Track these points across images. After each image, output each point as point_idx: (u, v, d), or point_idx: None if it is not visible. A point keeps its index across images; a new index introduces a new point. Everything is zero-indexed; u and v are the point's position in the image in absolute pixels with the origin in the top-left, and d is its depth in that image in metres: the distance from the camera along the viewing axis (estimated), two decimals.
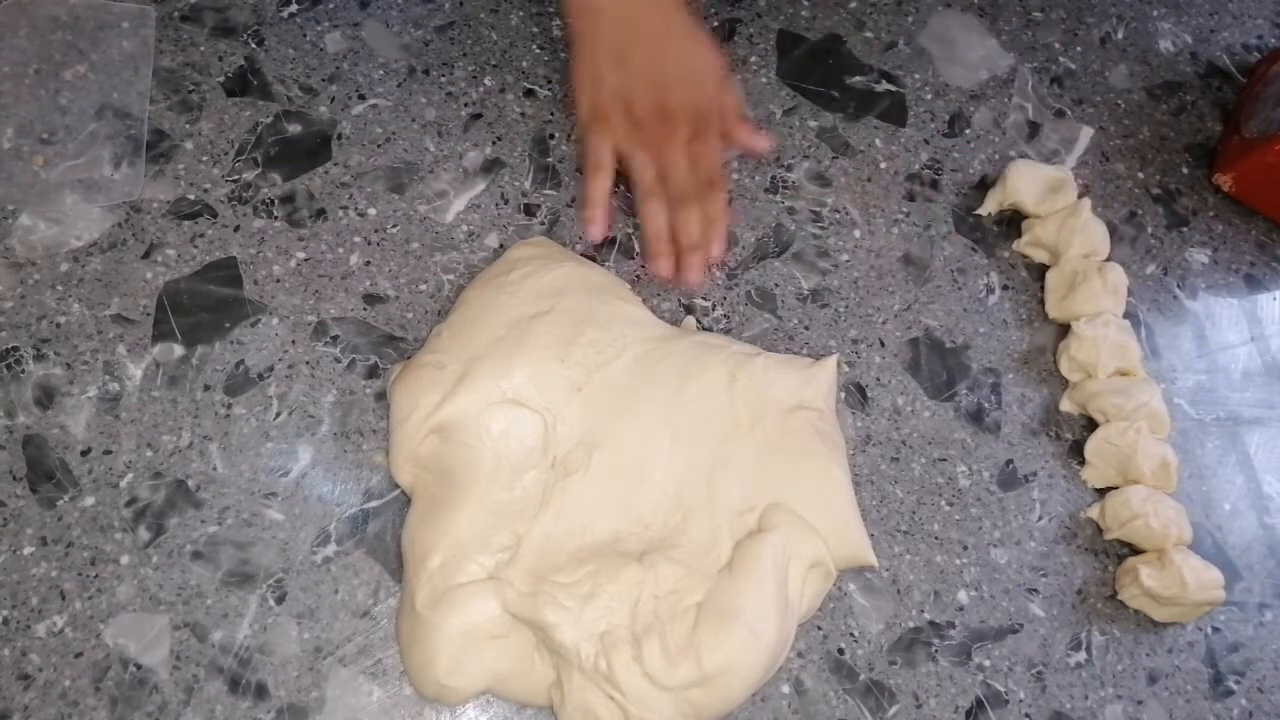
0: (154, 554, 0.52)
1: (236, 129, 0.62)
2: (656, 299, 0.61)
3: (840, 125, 0.68)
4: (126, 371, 0.55)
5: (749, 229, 0.64)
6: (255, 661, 0.50)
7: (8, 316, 0.56)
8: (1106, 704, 0.55)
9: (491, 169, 0.63)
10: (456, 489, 0.51)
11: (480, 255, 0.61)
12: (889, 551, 0.56)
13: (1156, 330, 0.65)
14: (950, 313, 0.64)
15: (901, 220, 0.66)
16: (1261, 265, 0.69)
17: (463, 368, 0.52)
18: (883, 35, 0.72)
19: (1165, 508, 0.57)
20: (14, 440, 0.53)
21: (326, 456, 0.55)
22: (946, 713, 0.53)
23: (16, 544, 0.51)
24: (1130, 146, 0.71)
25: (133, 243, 0.58)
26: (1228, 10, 0.78)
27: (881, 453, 0.59)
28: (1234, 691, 0.56)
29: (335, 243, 0.60)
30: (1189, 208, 0.70)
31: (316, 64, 0.65)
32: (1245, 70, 0.76)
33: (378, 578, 0.52)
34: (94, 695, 0.49)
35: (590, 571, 0.49)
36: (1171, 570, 0.54)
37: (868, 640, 0.54)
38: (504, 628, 0.49)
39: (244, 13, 0.66)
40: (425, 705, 0.50)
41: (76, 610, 0.50)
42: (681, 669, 0.47)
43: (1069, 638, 0.56)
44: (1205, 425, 0.63)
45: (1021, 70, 0.73)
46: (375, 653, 0.51)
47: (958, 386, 0.62)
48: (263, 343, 0.57)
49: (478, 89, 0.66)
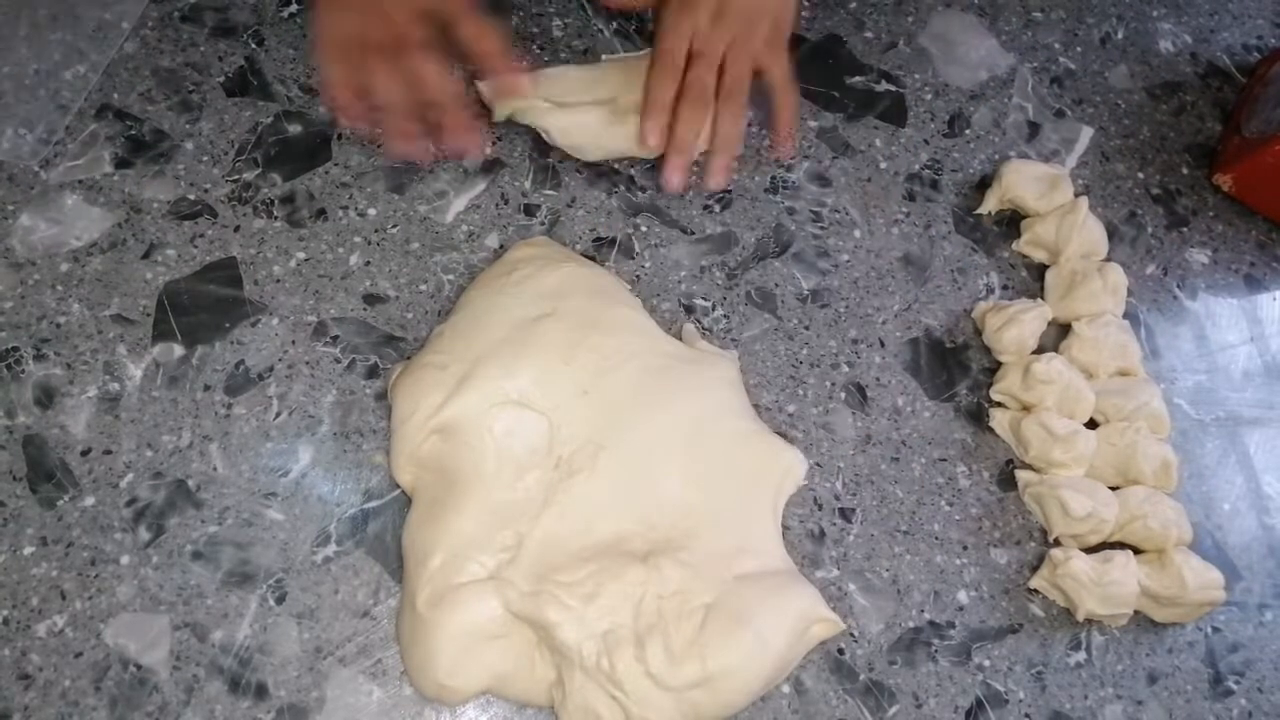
0: (154, 554, 0.52)
1: (236, 129, 0.62)
2: (656, 299, 0.61)
3: (840, 125, 0.68)
4: (126, 371, 0.55)
5: (749, 229, 0.64)
6: (255, 661, 0.50)
7: (8, 316, 0.56)
8: (1106, 704, 0.55)
9: (491, 169, 0.63)
10: (458, 489, 0.51)
11: (480, 255, 0.61)
12: (889, 551, 0.56)
13: (1156, 330, 0.65)
14: (950, 313, 0.64)
15: (901, 220, 0.66)
16: (1261, 265, 0.69)
17: (465, 368, 0.52)
18: (883, 35, 0.72)
19: (1165, 508, 0.57)
20: (14, 440, 0.53)
21: (326, 456, 0.55)
22: (946, 713, 0.53)
23: (16, 544, 0.51)
24: (1130, 146, 0.71)
25: (133, 243, 0.58)
26: (1228, 10, 0.78)
27: (881, 453, 0.59)
28: (1234, 691, 0.56)
29: (335, 243, 0.60)
30: (1189, 208, 0.70)
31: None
32: (1245, 70, 0.76)
33: (378, 578, 0.52)
34: (94, 695, 0.49)
35: (593, 571, 0.49)
36: (1171, 570, 0.54)
37: (868, 640, 0.54)
38: (505, 628, 0.49)
39: (244, 13, 0.66)
40: (425, 705, 0.50)
41: (76, 610, 0.50)
42: (685, 668, 0.47)
43: (1069, 638, 0.56)
44: (1205, 425, 0.63)
45: (1021, 70, 0.73)
46: (375, 653, 0.51)
47: (958, 386, 0.62)
48: (263, 343, 0.57)
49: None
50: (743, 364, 0.60)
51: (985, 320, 0.62)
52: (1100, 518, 0.55)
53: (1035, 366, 0.58)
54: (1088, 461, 0.58)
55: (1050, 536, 0.57)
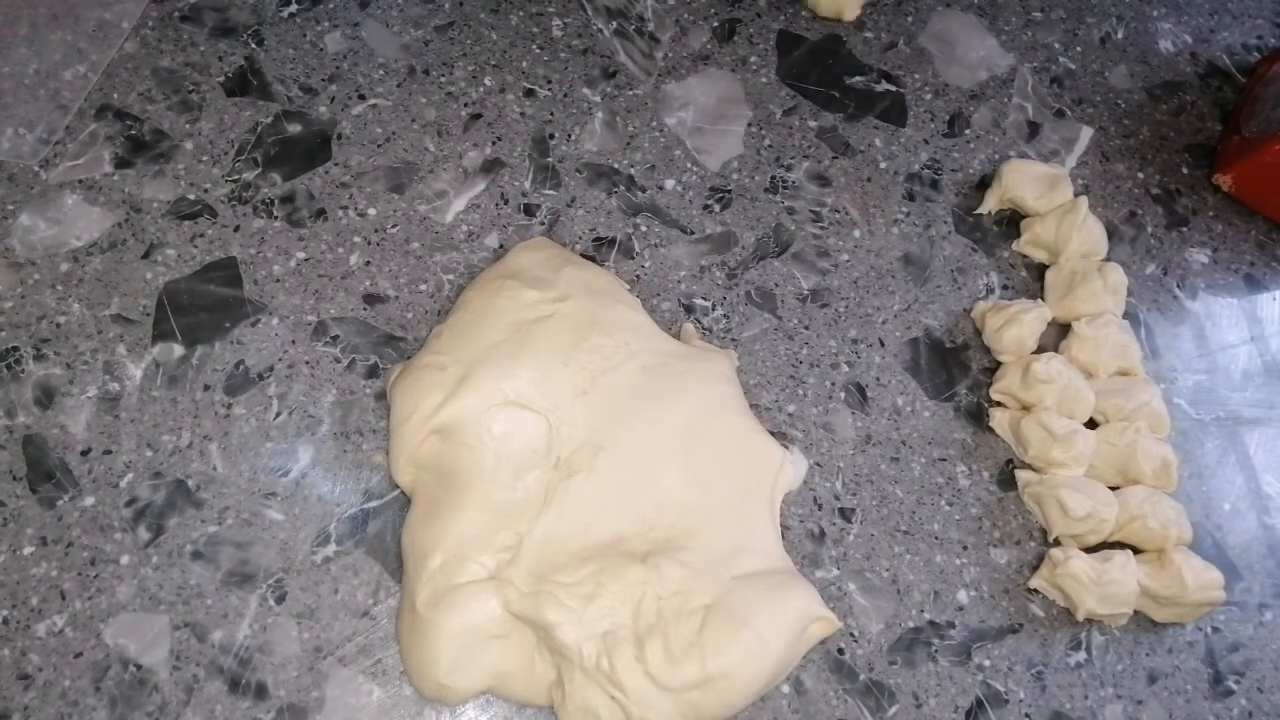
0: (154, 554, 0.52)
1: (236, 129, 0.62)
2: (656, 299, 0.61)
3: (840, 125, 0.68)
4: (126, 371, 0.55)
5: (749, 229, 0.64)
6: (255, 661, 0.50)
7: (8, 316, 0.56)
8: (1106, 704, 0.55)
9: (491, 169, 0.63)
10: (458, 489, 0.51)
11: (480, 255, 0.61)
12: (889, 551, 0.56)
13: (1156, 330, 0.65)
14: (950, 313, 0.64)
15: (901, 220, 0.66)
16: (1261, 265, 0.69)
17: (464, 369, 0.52)
18: (883, 35, 0.72)
19: (1165, 508, 0.57)
20: (14, 440, 0.53)
21: (326, 456, 0.55)
22: (946, 713, 0.53)
23: (16, 544, 0.51)
24: (1130, 146, 0.71)
25: (133, 243, 0.58)
26: (1228, 10, 0.78)
27: (881, 453, 0.59)
28: (1234, 691, 0.56)
29: (335, 243, 0.60)
30: (1189, 208, 0.70)
31: (316, 64, 0.65)
32: (1245, 70, 0.76)
33: (378, 578, 0.52)
34: (94, 695, 0.49)
35: (593, 571, 0.49)
36: (1171, 570, 0.54)
37: (868, 640, 0.54)
38: (505, 628, 0.49)
39: (244, 13, 0.66)
40: (425, 705, 0.50)
41: (76, 610, 0.50)
42: (685, 669, 0.47)
43: (1069, 638, 0.56)
44: (1205, 425, 0.63)
45: (1021, 70, 0.73)
46: (375, 653, 0.51)
47: (958, 386, 0.62)
48: (263, 343, 0.57)
49: (478, 89, 0.66)
50: (742, 364, 0.60)
51: (985, 320, 0.62)
52: (1100, 518, 0.55)
53: (1035, 366, 0.58)
54: (1087, 461, 0.58)
55: (1050, 536, 0.57)
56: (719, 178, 0.65)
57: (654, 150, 0.66)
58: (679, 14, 0.71)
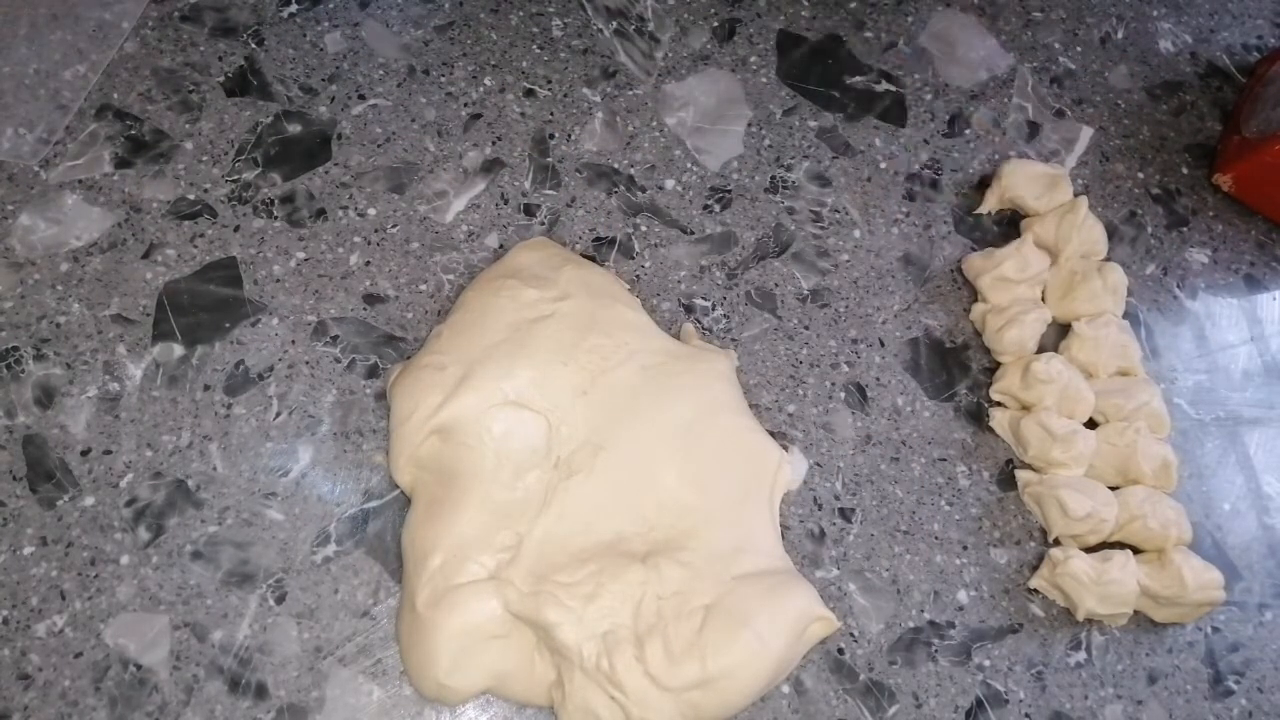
0: (154, 554, 0.52)
1: (236, 129, 0.62)
2: (656, 299, 0.61)
3: (840, 125, 0.68)
4: (126, 371, 0.55)
5: (749, 229, 0.64)
6: (255, 661, 0.50)
7: (8, 316, 0.56)
8: (1106, 704, 0.55)
9: (491, 169, 0.63)
10: (457, 489, 0.51)
11: (480, 255, 0.61)
12: (889, 551, 0.56)
13: (1156, 330, 0.65)
14: (950, 313, 0.64)
15: (901, 220, 0.66)
16: (1261, 265, 0.69)
17: (464, 369, 0.52)
18: (883, 35, 0.72)
19: (1165, 508, 0.57)
20: (14, 440, 0.53)
21: (326, 456, 0.55)
22: (946, 713, 0.53)
23: (16, 544, 0.51)
24: (1130, 146, 0.71)
25: (133, 243, 0.58)
26: (1228, 10, 0.78)
27: (881, 453, 0.59)
28: (1234, 691, 0.56)
29: (335, 243, 0.60)
30: (1189, 208, 0.70)
31: (316, 64, 0.65)
32: (1245, 70, 0.76)
33: (378, 578, 0.52)
34: (94, 695, 0.49)
35: (593, 571, 0.49)
36: (1171, 570, 0.54)
37: (868, 640, 0.54)
38: (505, 628, 0.49)
39: (244, 13, 0.66)
40: (425, 705, 0.50)
41: (76, 610, 0.50)
42: (685, 669, 0.47)
43: (1069, 638, 0.56)
44: (1205, 425, 0.63)
45: (1021, 70, 0.73)
46: (375, 653, 0.51)
47: (957, 386, 0.62)
48: (263, 343, 0.57)
49: (478, 89, 0.66)
50: (742, 364, 0.60)
51: (985, 320, 0.62)
52: (1100, 517, 0.55)
53: (1035, 366, 0.58)
54: (1087, 461, 0.58)
55: (1050, 536, 0.57)
56: (719, 178, 0.65)
57: (654, 150, 0.66)
58: (679, 14, 0.71)
